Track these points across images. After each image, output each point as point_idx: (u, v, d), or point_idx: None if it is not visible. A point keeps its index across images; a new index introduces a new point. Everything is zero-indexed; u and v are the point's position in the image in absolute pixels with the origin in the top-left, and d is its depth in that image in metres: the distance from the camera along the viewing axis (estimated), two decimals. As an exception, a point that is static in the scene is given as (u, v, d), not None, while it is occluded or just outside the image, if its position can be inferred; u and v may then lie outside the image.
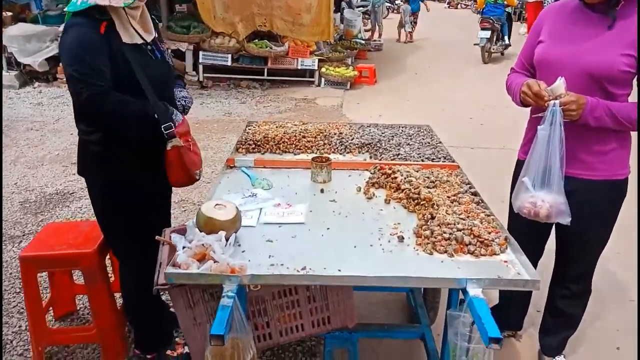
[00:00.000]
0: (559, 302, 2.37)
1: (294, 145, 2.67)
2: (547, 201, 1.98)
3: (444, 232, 1.78)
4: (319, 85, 8.82)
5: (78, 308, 2.84)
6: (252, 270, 1.58)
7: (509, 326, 2.71)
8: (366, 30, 14.34)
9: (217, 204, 1.79)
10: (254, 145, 2.66)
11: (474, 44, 12.01)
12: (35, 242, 2.43)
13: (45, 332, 2.38)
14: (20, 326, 2.72)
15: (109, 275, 2.80)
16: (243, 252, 1.72)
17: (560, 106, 1.89)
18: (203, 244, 1.65)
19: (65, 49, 1.88)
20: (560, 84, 1.90)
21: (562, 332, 2.48)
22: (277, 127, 2.93)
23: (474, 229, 1.78)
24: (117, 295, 2.58)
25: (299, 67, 8.64)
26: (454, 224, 1.82)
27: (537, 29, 2.16)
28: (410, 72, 10.57)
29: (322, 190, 2.20)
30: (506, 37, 12.38)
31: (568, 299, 2.35)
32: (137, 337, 2.39)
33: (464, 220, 1.86)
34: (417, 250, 1.74)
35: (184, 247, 1.66)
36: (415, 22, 15.29)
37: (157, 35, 2.17)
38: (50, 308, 2.70)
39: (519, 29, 17.01)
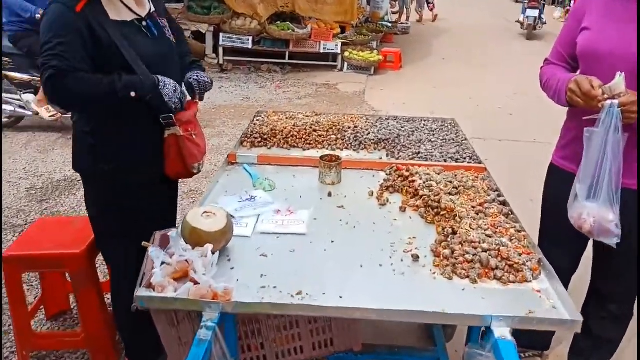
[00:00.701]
0: (595, 325, 2.10)
1: (303, 140, 2.43)
2: (592, 215, 1.71)
3: (467, 253, 1.52)
4: (341, 69, 8.51)
5: (72, 307, 2.68)
6: (239, 294, 1.35)
7: (534, 345, 2.44)
8: (394, 13, 13.88)
9: (205, 212, 1.57)
10: (260, 139, 2.42)
11: (516, 21, 13.17)
12: (21, 239, 2.26)
13: (30, 337, 2.22)
14: (10, 324, 2.57)
15: (103, 276, 2.62)
16: (232, 269, 1.50)
17: (618, 107, 1.60)
18: (186, 260, 1.44)
19: (40, 31, 1.69)
20: (620, 81, 1.61)
21: (597, 357, 2.21)
22: (287, 118, 2.69)
23: (502, 249, 1.52)
24: (109, 296, 2.40)
25: (322, 51, 8.33)
26: (479, 242, 1.56)
27: (579, 14, 1.86)
28: (437, 56, 10.14)
29: (329, 194, 1.96)
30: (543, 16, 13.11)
31: (606, 321, 2.08)
32: (128, 346, 2.21)
33: (490, 237, 1.60)
34: (434, 273, 1.50)
35: (163, 263, 1.44)
36: (430, 3, 14.83)
37: (156, 9, 1.95)
38: (42, 307, 2.55)
39: (553, 13, 16.29)
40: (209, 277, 1.37)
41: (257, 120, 2.66)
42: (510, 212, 1.79)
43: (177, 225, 1.74)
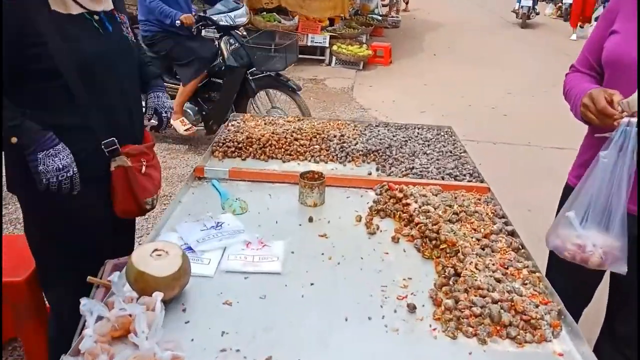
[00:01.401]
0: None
1: (283, 150, 2.15)
2: (599, 246, 1.47)
3: (474, 304, 1.25)
4: (329, 64, 8.21)
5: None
6: (191, 363, 1.08)
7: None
8: (384, 5, 13.56)
9: (156, 250, 1.28)
10: (233, 148, 2.13)
11: (512, 11, 13.75)
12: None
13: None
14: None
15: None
16: (187, 323, 1.21)
17: (637, 126, 1.36)
18: (130, 314, 1.15)
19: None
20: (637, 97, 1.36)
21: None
22: (265, 123, 2.39)
23: (517, 300, 1.25)
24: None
25: (309, 44, 8.02)
26: (488, 290, 1.30)
27: (611, 14, 1.60)
28: (429, 52, 9.87)
29: (310, 219, 1.68)
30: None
31: (622, 366, 1.83)
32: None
33: (500, 282, 1.34)
34: (434, 329, 1.23)
35: (99, 318, 1.15)
36: None
37: (115, 5, 1.66)
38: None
39: (545, 9, 16.10)
40: (154, 340, 1.08)
41: (232, 125, 2.36)
42: (520, 247, 1.53)
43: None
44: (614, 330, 1.84)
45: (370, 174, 2.03)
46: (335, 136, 2.25)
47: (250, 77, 4.44)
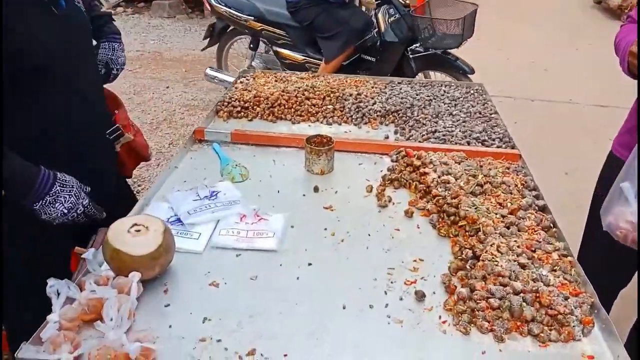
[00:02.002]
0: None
1: (293, 110, 1.98)
2: None
3: (492, 295, 1.09)
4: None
5: None
6: (167, 354, 0.96)
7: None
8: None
9: (135, 225, 1.15)
10: (239, 108, 1.97)
11: None
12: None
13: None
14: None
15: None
16: (167, 306, 1.10)
17: None
18: (102, 297, 1.04)
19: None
20: None
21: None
22: (276, 80, 2.21)
23: (543, 292, 1.08)
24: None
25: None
26: (509, 277, 1.13)
27: None
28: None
29: (315, 189, 1.52)
30: None
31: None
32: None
33: (525, 268, 1.16)
34: (444, 322, 1.07)
35: (67, 300, 1.05)
36: None
37: None
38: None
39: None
40: (122, 329, 0.96)
41: (240, 82, 2.19)
42: (552, 225, 1.34)
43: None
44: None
45: (387, 137, 1.84)
46: (351, 95, 2.06)
47: (411, 55, 3.70)
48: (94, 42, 1.58)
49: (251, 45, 4.13)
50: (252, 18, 3.87)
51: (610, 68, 1.60)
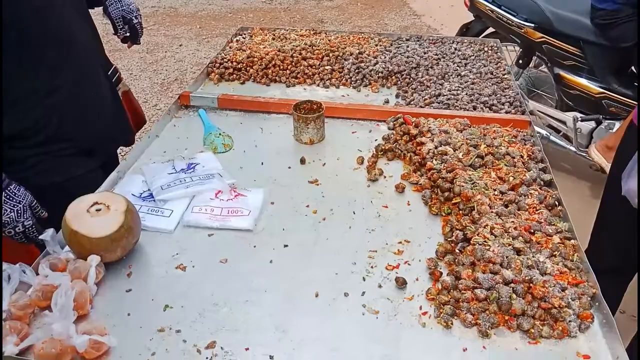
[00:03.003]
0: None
1: (288, 71, 1.85)
2: None
3: (479, 284, 0.99)
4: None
5: None
6: (120, 347, 0.90)
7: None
8: None
9: (95, 203, 1.08)
10: (232, 70, 1.85)
11: None
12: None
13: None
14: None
15: None
16: (128, 292, 1.03)
17: None
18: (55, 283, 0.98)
19: None
20: None
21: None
22: (274, 38, 2.07)
23: (536, 283, 0.97)
24: None
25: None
26: (501, 264, 1.02)
27: None
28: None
29: (302, 160, 1.41)
30: None
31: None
32: None
33: (520, 253, 1.05)
34: (425, 313, 0.98)
35: (23, 286, 0.99)
36: None
37: None
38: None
39: None
40: (70, 319, 0.90)
41: (236, 41, 2.06)
42: (557, 203, 1.21)
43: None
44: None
45: (387, 102, 1.70)
46: (351, 54, 1.91)
47: None
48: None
49: (520, 61, 2.93)
50: (532, 25, 2.70)
51: None
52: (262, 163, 1.41)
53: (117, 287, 1.04)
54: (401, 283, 1.03)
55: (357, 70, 1.84)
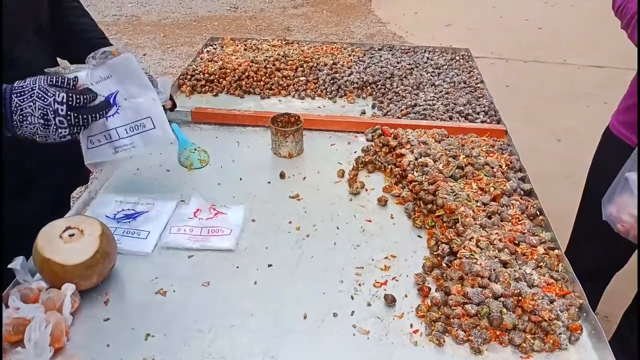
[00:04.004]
0: (638, 342, 1.60)
1: (262, 83, 1.82)
2: None
3: (469, 299, 0.98)
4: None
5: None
6: (94, 384, 0.85)
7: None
8: None
9: (68, 228, 1.02)
10: (204, 81, 1.81)
11: None
12: None
13: None
14: None
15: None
16: (106, 321, 0.98)
17: None
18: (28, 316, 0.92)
19: None
20: None
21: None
22: (245, 49, 2.04)
23: (525, 296, 0.97)
24: None
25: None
26: (489, 278, 1.01)
27: None
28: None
29: (282, 175, 1.38)
30: None
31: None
32: None
33: (507, 266, 1.05)
34: (416, 331, 0.96)
35: (-10, 319, 0.93)
36: None
37: None
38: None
39: None
40: (46, 356, 0.85)
41: (207, 51, 2.02)
42: (538, 212, 1.22)
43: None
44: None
45: (364, 113, 1.70)
46: (325, 65, 1.90)
47: None
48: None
49: None
50: None
51: (607, 26, 1.44)
52: (240, 178, 1.37)
53: (94, 316, 0.98)
54: (390, 301, 1.01)
55: (332, 81, 1.82)
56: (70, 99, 0.98)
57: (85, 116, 1.01)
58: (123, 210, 1.23)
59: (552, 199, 1.24)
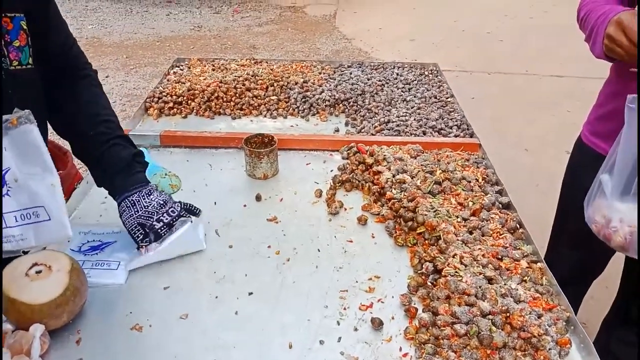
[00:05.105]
0: (618, 349, 1.61)
1: (232, 103, 1.78)
2: (627, 222, 1.17)
3: (457, 319, 0.96)
4: (310, -12, 7.53)
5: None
6: None
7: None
8: None
9: (35, 264, 0.96)
10: (172, 103, 1.77)
11: None
12: None
13: None
14: None
15: None
16: (78, 362, 0.92)
17: None
18: (-10, 360, 0.85)
19: None
20: None
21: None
22: (213, 69, 2.00)
23: (513, 312, 0.96)
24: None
25: (287, -33, 7.32)
26: (476, 295, 1.00)
27: None
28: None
29: (258, 197, 1.35)
30: None
31: (631, 347, 1.58)
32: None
33: (492, 282, 1.04)
34: (405, 355, 0.94)
35: (-51, 369, 0.85)
36: None
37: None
38: None
39: None
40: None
41: (173, 73, 1.98)
42: (518, 225, 1.22)
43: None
44: (625, 306, 1.57)
45: (337, 130, 1.68)
46: (296, 83, 1.88)
47: None
48: None
49: None
50: None
51: (566, 37, 1.48)
52: (215, 203, 1.33)
53: (67, 358, 0.92)
54: (377, 324, 0.98)
55: (303, 100, 1.80)
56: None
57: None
58: (88, 242, 1.17)
59: (525, 208, 1.25)
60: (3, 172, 0.90)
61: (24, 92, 1.02)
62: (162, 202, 1.11)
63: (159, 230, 1.10)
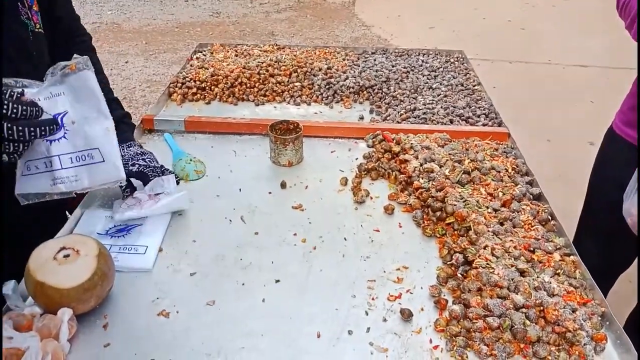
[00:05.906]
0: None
1: (256, 89, 1.76)
2: None
3: (490, 311, 0.94)
4: (329, -25, 7.44)
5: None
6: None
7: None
8: None
9: (63, 249, 0.95)
10: (195, 89, 1.75)
11: None
12: None
13: None
14: None
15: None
16: (106, 347, 0.91)
17: None
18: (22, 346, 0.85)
19: None
20: None
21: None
22: (237, 54, 1.98)
23: (547, 306, 0.93)
24: None
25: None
26: (508, 288, 0.97)
27: None
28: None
29: (283, 184, 1.33)
30: None
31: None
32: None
33: (525, 274, 1.01)
34: (436, 347, 0.92)
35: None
36: None
37: None
38: None
39: None
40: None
41: (196, 58, 1.96)
42: (550, 217, 1.19)
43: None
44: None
45: (362, 118, 1.65)
46: (320, 70, 1.85)
47: None
48: None
49: None
50: None
51: (589, 25, 1.43)
52: (239, 189, 1.32)
53: (94, 342, 0.92)
54: (407, 315, 0.97)
55: (327, 86, 1.78)
56: (5, 107, 0.83)
57: (21, 129, 0.84)
58: (115, 225, 1.16)
59: (550, 199, 1.22)
60: (61, 115, 0.94)
61: (42, 53, 1.12)
62: (139, 152, 1.22)
63: (135, 173, 1.17)
